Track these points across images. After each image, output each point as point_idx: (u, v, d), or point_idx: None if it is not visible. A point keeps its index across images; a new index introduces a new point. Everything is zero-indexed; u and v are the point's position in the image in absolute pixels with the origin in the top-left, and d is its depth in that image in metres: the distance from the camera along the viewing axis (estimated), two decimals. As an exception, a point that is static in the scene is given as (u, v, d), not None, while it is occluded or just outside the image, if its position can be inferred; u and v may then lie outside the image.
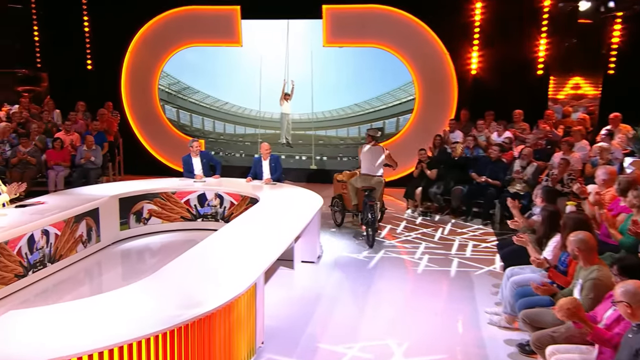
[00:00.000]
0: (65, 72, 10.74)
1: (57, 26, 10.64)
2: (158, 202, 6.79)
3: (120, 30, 10.27)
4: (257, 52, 10.17)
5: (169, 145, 10.67)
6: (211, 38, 10.18)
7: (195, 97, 10.68)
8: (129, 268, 6.02)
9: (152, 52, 10.40)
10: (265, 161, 7.32)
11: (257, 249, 4.21)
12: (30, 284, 4.96)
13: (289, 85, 9.89)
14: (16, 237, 4.76)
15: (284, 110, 9.95)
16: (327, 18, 9.70)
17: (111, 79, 10.52)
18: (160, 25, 10.34)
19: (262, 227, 4.91)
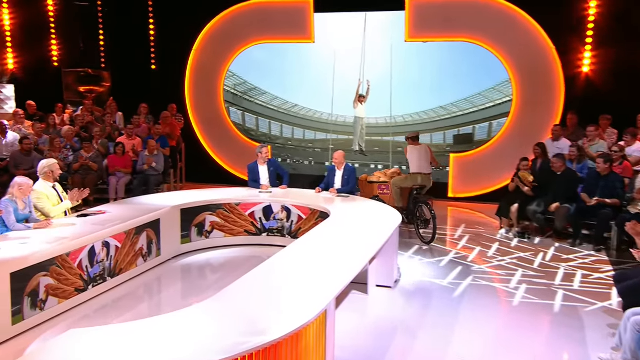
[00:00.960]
0: (129, 72, 11.49)
1: (122, 24, 11.43)
2: (221, 214, 7.02)
3: (186, 27, 10.84)
4: (330, 49, 10.30)
5: (233, 151, 11.05)
6: (281, 34, 10.46)
7: (262, 98, 10.99)
8: (189, 285, 6.26)
9: (218, 50, 10.86)
10: (339, 171, 7.37)
11: (328, 271, 4.21)
12: (90, 299, 5.27)
13: (364, 85, 9.91)
14: (78, 249, 5.09)
15: (358, 114, 9.98)
16: (411, 10, 9.65)
17: (175, 79, 11.10)
18: (227, 22, 10.77)
19: (334, 246, 4.91)
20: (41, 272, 4.67)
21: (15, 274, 4.41)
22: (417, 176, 7.70)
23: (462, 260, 6.62)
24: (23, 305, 4.50)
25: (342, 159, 7.45)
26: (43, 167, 5.81)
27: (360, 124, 10.01)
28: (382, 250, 5.31)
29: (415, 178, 7.71)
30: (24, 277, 4.49)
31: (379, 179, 8.48)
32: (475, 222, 8.60)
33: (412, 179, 7.73)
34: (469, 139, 9.86)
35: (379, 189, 8.24)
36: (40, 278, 4.66)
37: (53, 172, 5.84)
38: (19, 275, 4.44)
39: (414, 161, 7.72)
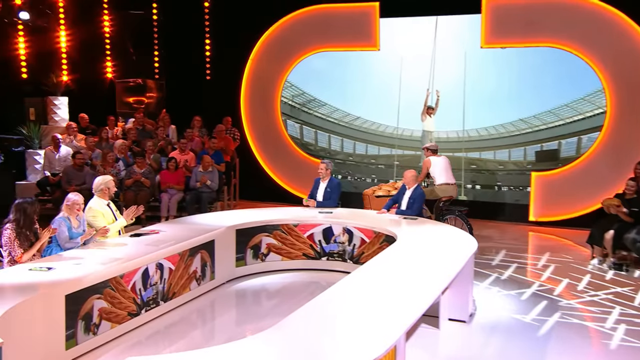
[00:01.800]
0: (182, 82, 11.94)
1: (177, 33, 11.91)
2: (278, 235, 7.13)
3: (242, 35, 11.20)
4: (396, 57, 10.35)
5: (290, 167, 11.23)
6: (343, 41, 10.61)
7: (321, 110, 11.13)
8: (244, 311, 6.37)
9: (275, 59, 11.13)
10: (409, 190, 7.35)
11: (397, 302, 4.19)
12: (142, 324, 5.47)
13: (433, 96, 9.86)
14: (132, 271, 5.30)
15: (427, 127, 9.93)
16: (488, 12, 9.57)
17: (230, 90, 11.44)
18: (286, 29, 11.04)
19: (402, 274, 4.88)
20: (95, 294, 4.89)
21: (70, 296, 4.63)
22: (446, 187, 8.10)
23: (547, 293, 6.40)
24: (77, 329, 4.72)
25: (411, 178, 7.41)
26: (99, 184, 6.11)
27: (429, 138, 9.95)
28: (456, 280, 5.22)
29: (444, 189, 8.09)
30: (78, 299, 4.72)
31: (388, 192, 8.59)
32: (562, 249, 8.31)
33: (441, 191, 8.10)
34: (553, 156, 9.57)
35: None
36: (94, 301, 4.88)
37: (109, 189, 6.13)
38: (74, 297, 4.67)
39: (441, 172, 8.19)
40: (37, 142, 10.06)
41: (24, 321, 4.14)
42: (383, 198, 8.42)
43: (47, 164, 9.60)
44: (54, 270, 4.85)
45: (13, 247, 5.15)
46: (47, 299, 4.45)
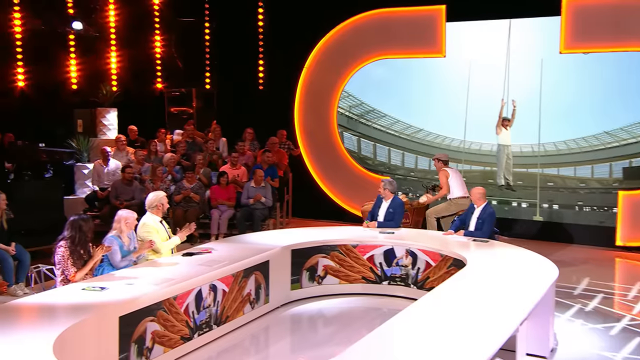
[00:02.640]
0: (234, 93, 12.22)
1: (229, 41, 12.22)
2: (336, 256, 7.18)
3: (298, 42, 11.38)
4: (464, 65, 10.28)
5: (346, 183, 11.29)
6: (406, 48, 10.64)
7: (380, 122, 11.17)
8: (300, 338, 6.42)
9: (332, 68, 11.26)
10: (477, 209, 7.28)
11: (470, 334, 4.14)
12: (195, 349, 5.58)
13: (509, 107, 9.72)
14: (185, 292, 5.44)
15: (502, 141, 9.79)
16: (569, 15, 9.42)
17: (283, 101, 11.63)
18: (344, 35, 11.16)
19: (474, 302, 4.82)
20: (148, 316, 5.04)
21: (124, 318, 4.80)
22: (464, 200, 8.17)
23: (640, 328, 6.20)
24: (130, 352, 4.87)
25: (479, 197, 7.34)
26: (153, 200, 6.32)
27: (504, 152, 9.80)
28: (535, 310, 5.11)
29: (462, 203, 8.16)
30: (132, 321, 4.87)
31: None
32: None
33: (458, 205, 8.22)
34: (644, 173, 9.28)
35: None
36: (147, 323, 5.03)
37: (162, 206, 6.34)
38: (127, 319, 4.82)
39: (458, 184, 8.38)
40: (86, 155, 10.49)
41: (79, 343, 4.29)
42: None
43: (95, 178, 10.00)
44: (107, 290, 5.02)
45: (67, 265, 5.38)
46: (101, 320, 4.61)
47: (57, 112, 11.22)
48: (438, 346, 3.99)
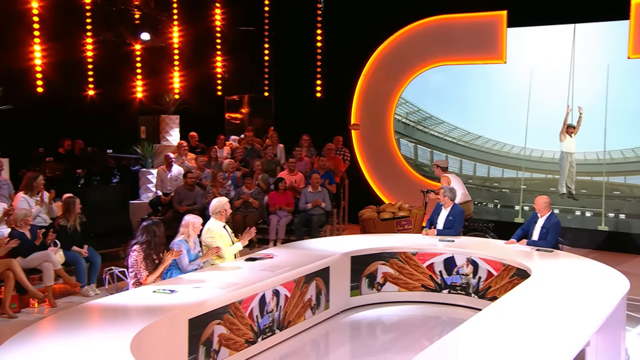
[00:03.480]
0: (292, 99, 12.39)
1: (288, 49, 12.42)
2: (395, 264, 7.19)
3: (356, 50, 11.45)
4: (526, 71, 10.14)
5: (403, 190, 11.25)
6: (465, 54, 10.59)
7: (438, 129, 11.11)
8: (359, 345, 6.47)
9: (390, 75, 11.29)
10: (541, 218, 7.16)
11: (538, 346, 4.10)
12: (258, 353, 5.70)
13: (574, 113, 9.51)
14: (249, 297, 5.57)
15: (566, 149, 9.57)
16: (638, 18, 9.17)
17: (340, 108, 11.73)
18: (402, 42, 11.19)
19: (541, 314, 4.76)
20: (215, 319, 5.19)
21: (193, 320, 4.96)
22: (468, 205, 8.65)
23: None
24: (198, 354, 5.02)
25: (544, 206, 7.21)
26: (216, 206, 6.49)
27: (568, 160, 9.57)
28: (605, 324, 5.00)
29: (466, 208, 8.36)
30: (200, 324, 5.03)
31: (393, 214, 8.80)
32: None
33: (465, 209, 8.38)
34: None
35: (399, 225, 8.58)
36: (214, 326, 5.18)
37: (226, 211, 6.51)
38: (196, 321, 4.98)
39: (460, 189, 8.48)
40: (150, 161, 10.82)
41: (152, 344, 4.47)
42: (390, 221, 8.65)
43: (159, 183, 10.30)
44: (176, 293, 5.20)
45: (139, 269, 5.58)
46: (172, 322, 4.78)
47: (123, 119, 11.61)
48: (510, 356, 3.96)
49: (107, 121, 11.09)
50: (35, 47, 9.89)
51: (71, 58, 10.53)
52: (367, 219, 8.90)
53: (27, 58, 9.83)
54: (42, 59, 9.92)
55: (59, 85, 10.14)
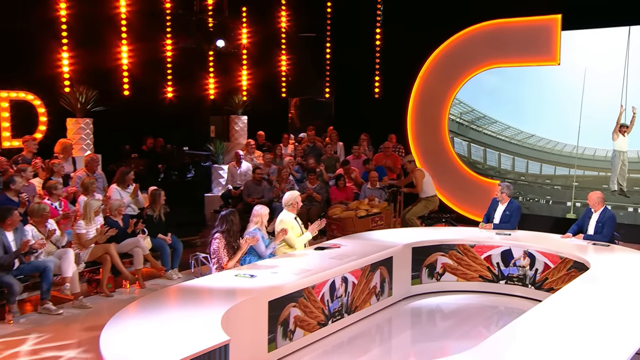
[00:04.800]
0: (351, 101, 12.47)
1: (348, 53, 12.51)
2: (454, 255, 7.19)
3: (413, 53, 11.45)
4: (579, 72, 9.91)
5: (456, 186, 11.19)
6: (519, 56, 10.41)
7: (491, 128, 10.98)
8: (420, 331, 6.53)
9: (445, 76, 11.20)
10: (595, 213, 7.03)
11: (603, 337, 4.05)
12: (328, 335, 5.82)
13: (628, 113, 9.26)
14: (320, 283, 5.70)
15: (619, 147, 9.35)
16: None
17: (398, 108, 11.71)
18: (458, 45, 11.09)
19: (602, 305, 4.71)
20: (291, 302, 5.34)
21: (272, 302, 5.12)
22: (435, 198, 9.42)
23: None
24: (277, 333, 5.19)
25: (597, 201, 7.08)
26: (289, 199, 6.64)
27: (620, 158, 9.35)
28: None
29: (434, 201, 9.37)
30: (278, 306, 5.19)
31: (367, 212, 9.08)
32: None
33: (432, 203, 9.38)
34: None
35: (373, 221, 9.03)
36: (290, 308, 5.33)
37: (297, 204, 6.66)
38: (275, 304, 5.15)
39: (430, 184, 9.37)
40: (221, 157, 11.11)
41: (237, 322, 4.63)
42: (366, 218, 8.90)
43: (229, 178, 10.56)
44: (256, 277, 5.37)
45: (221, 255, 5.78)
46: (254, 303, 4.96)
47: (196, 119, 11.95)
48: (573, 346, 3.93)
49: (183, 121, 11.44)
50: (123, 47, 10.21)
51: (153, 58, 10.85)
52: (347, 218, 9.02)
53: (115, 58, 10.17)
54: (129, 59, 10.24)
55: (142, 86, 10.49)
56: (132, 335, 4.07)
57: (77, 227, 6.88)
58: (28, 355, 5.38)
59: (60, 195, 7.24)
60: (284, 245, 6.51)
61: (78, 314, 6.42)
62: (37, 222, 6.47)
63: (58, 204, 7.15)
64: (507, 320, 5.04)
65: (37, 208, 6.49)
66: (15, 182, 6.83)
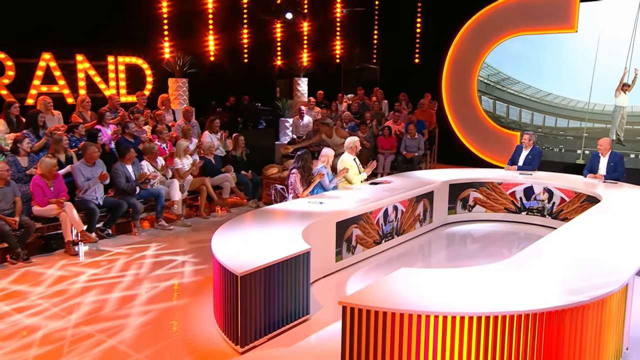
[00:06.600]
0: (396, 66, 12.23)
1: (393, 26, 12.21)
2: (484, 191, 7.14)
3: (449, 25, 11.06)
4: (594, 38, 9.40)
5: (482, 137, 10.96)
6: (541, 25, 9.91)
7: (514, 87, 10.61)
8: (453, 251, 6.55)
9: (476, 44, 10.80)
10: (604, 158, 6.83)
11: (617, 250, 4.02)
12: (381, 251, 5.95)
13: (630, 74, 8.80)
14: (376, 210, 5.78)
15: (619, 103, 8.96)
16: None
17: (434, 71, 11.41)
18: (487, 17, 10.64)
19: (615, 228, 4.63)
20: (354, 224, 5.46)
21: (339, 223, 5.24)
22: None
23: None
24: (342, 248, 5.33)
25: (607, 146, 6.87)
26: (349, 142, 6.67)
27: (620, 112, 8.98)
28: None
29: None
30: (343, 226, 5.32)
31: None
32: None
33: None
34: None
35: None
36: (353, 229, 5.45)
37: (356, 147, 6.68)
38: (341, 224, 5.27)
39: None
40: (287, 112, 11.14)
41: (313, 236, 4.77)
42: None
43: (294, 129, 10.61)
44: (324, 204, 5.49)
45: (297, 186, 5.90)
46: (324, 224, 5.09)
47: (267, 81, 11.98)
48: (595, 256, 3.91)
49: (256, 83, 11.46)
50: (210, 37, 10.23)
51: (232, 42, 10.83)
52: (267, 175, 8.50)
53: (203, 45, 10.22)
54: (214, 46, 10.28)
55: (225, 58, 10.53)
56: (234, 243, 4.26)
57: (175, 163, 7.13)
58: (152, 257, 5.73)
59: (165, 138, 7.48)
60: (344, 181, 6.58)
61: (183, 230, 6.74)
62: (149, 159, 6.74)
63: (165, 145, 7.39)
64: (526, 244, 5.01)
65: (149, 147, 6.74)
66: (129, 127, 7.08)
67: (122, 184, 6.25)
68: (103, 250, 5.91)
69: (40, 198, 5.72)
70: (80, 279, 5.11)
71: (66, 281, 5.04)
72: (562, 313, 3.08)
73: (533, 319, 3.04)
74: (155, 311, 4.42)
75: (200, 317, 4.28)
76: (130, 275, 5.19)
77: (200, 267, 5.42)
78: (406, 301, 3.12)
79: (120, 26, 8.47)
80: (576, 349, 3.17)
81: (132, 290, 4.83)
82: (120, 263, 5.53)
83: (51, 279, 5.10)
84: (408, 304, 3.08)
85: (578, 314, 3.14)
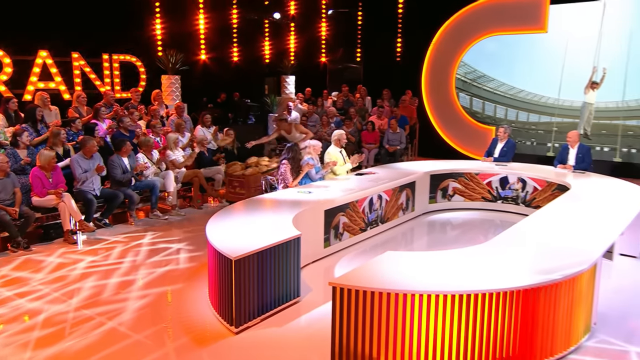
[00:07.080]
0: (377, 64, 12.25)
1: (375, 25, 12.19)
2: (462, 181, 7.21)
3: (428, 26, 11.11)
4: (563, 38, 9.53)
5: (460, 131, 11.05)
6: (514, 26, 10.02)
7: (489, 85, 10.72)
8: (434, 237, 6.60)
9: (453, 44, 10.87)
10: (572, 149, 6.94)
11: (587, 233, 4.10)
12: (366, 238, 5.98)
13: (599, 73, 8.95)
14: (361, 199, 5.80)
15: (588, 100, 9.12)
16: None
17: (414, 69, 11.45)
18: (464, 18, 10.70)
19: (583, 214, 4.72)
20: (341, 212, 5.47)
21: (327, 211, 5.25)
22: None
23: None
24: (330, 234, 5.35)
25: (576, 138, 6.99)
26: (335, 135, 6.68)
27: (588, 109, 9.15)
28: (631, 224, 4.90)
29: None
30: (331, 214, 5.32)
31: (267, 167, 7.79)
32: None
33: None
34: None
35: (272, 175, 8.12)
36: (340, 217, 5.47)
37: (340, 140, 6.68)
38: (329, 212, 5.28)
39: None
40: (275, 107, 11.10)
41: (303, 224, 4.76)
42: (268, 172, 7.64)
43: (282, 124, 10.56)
44: (312, 193, 5.49)
45: (287, 176, 5.90)
46: (313, 212, 5.09)
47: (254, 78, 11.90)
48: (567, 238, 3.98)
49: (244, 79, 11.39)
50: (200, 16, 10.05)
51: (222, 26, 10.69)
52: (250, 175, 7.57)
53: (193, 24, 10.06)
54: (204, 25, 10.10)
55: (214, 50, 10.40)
56: (228, 230, 4.24)
57: (167, 155, 7.06)
58: (148, 245, 5.68)
59: (159, 132, 7.40)
60: (330, 172, 6.58)
61: (177, 219, 6.69)
62: (145, 151, 6.67)
63: (159, 139, 7.31)
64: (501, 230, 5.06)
65: (145, 140, 6.66)
66: (124, 121, 6.99)
67: (118, 176, 6.18)
68: (100, 238, 5.84)
69: (39, 189, 5.63)
70: (79, 265, 5.05)
71: (66, 268, 4.98)
72: (537, 290, 3.14)
73: (510, 297, 3.10)
74: (153, 295, 4.39)
75: (196, 301, 4.27)
76: (128, 262, 5.15)
77: (195, 254, 5.39)
78: (393, 281, 3.15)
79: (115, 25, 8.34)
80: (550, 324, 3.24)
81: (129, 276, 4.80)
82: (118, 251, 5.48)
83: (51, 266, 5.03)
84: (395, 284, 3.11)
85: (552, 291, 3.20)
